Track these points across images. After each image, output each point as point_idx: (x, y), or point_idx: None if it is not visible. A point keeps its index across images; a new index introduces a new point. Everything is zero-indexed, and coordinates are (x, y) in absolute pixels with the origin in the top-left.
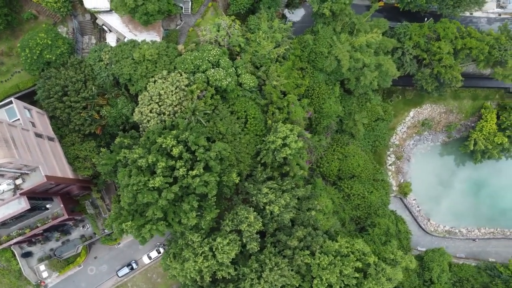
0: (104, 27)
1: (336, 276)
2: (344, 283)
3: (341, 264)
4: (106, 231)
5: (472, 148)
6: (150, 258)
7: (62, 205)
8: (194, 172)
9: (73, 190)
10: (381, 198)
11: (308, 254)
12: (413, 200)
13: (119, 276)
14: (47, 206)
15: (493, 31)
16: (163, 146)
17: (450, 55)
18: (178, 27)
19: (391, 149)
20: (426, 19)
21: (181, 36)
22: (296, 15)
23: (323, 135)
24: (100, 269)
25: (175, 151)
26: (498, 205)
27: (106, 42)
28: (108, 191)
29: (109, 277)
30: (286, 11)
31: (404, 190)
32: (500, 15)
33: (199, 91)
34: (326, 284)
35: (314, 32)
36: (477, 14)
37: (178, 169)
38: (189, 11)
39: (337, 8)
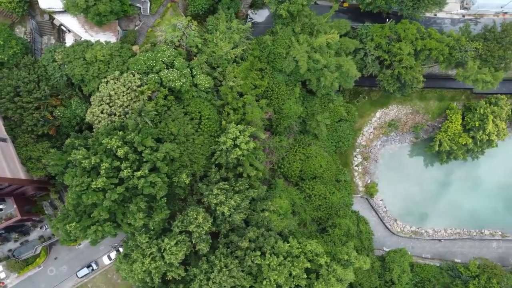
0: (62, 27)
1: (285, 277)
2: (294, 284)
3: (290, 265)
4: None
5: (437, 149)
6: (110, 258)
7: (15, 206)
8: (139, 173)
9: (28, 191)
10: (343, 199)
11: (259, 255)
12: (380, 200)
13: (79, 277)
14: (0, 207)
15: (453, 32)
16: (108, 147)
17: (411, 56)
18: (137, 27)
19: (358, 150)
20: (387, 20)
21: (140, 36)
22: (261, 15)
23: (285, 136)
24: (60, 270)
25: (120, 152)
26: (465, 206)
27: (65, 43)
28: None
29: (69, 278)
30: (250, 11)
31: (370, 191)
32: (464, 16)
33: (150, 92)
34: (275, 285)
35: (273, 33)
36: (441, 15)
37: (123, 170)
38: (148, 12)
39: (295, 9)
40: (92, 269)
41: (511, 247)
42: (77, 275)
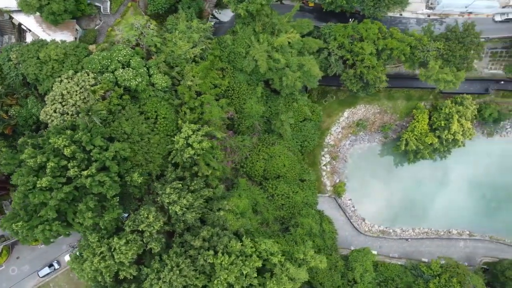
0: (22, 26)
1: (235, 276)
2: (246, 283)
3: (242, 264)
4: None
5: (403, 148)
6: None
7: None
8: (86, 172)
9: None
10: (307, 198)
11: (212, 254)
12: (349, 200)
13: (40, 276)
14: None
15: (416, 32)
16: (56, 146)
17: (373, 56)
18: (97, 27)
19: (326, 149)
20: (350, 19)
21: (100, 35)
22: (226, 15)
23: (248, 135)
24: (22, 269)
25: (67, 151)
26: (434, 205)
27: (25, 42)
28: None
29: (30, 277)
30: (215, 11)
31: (338, 190)
32: (429, 16)
33: (102, 91)
34: (226, 285)
35: (234, 32)
36: (406, 15)
37: (70, 169)
38: (108, 11)
39: (253, 9)
40: (54, 269)
41: (479, 247)
42: (38, 275)
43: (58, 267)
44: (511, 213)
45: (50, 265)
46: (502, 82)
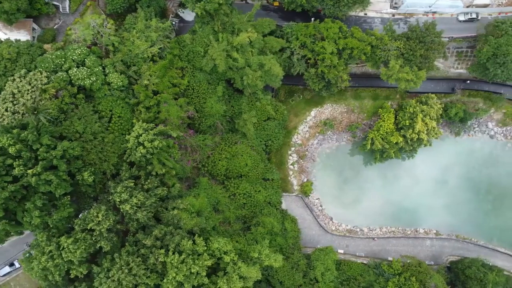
0: None
1: (184, 275)
2: (196, 282)
3: (192, 262)
4: None
5: (369, 147)
6: None
7: None
8: (31, 171)
9: None
10: (270, 198)
11: (163, 253)
12: (317, 199)
13: (1, 275)
14: None
15: (377, 31)
16: (0, 145)
17: (334, 55)
18: (56, 26)
19: (293, 149)
20: (312, 19)
21: (59, 35)
22: (190, 14)
23: (210, 134)
24: None
25: (12, 150)
26: (402, 204)
27: None
28: None
29: None
30: (179, 10)
31: (304, 190)
32: (394, 15)
33: (54, 90)
34: (176, 283)
35: (194, 32)
36: (371, 14)
37: (15, 168)
38: (68, 10)
39: (211, 8)
40: (15, 268)
41: (445, 246)
42: None
43: (19, 266)
44: (477, 212)
45: (11, 264)
46: (468, 82)
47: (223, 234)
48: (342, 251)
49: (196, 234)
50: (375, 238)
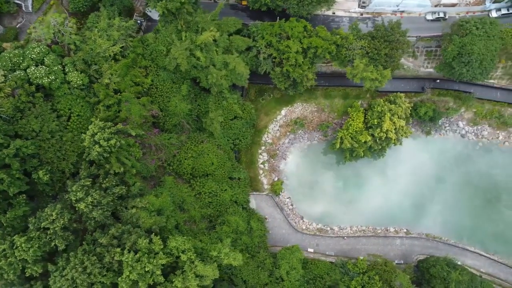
0: None
1: (138, 273)
2: (151, 281)
3: (146, 261)
4: None
5: (338, 146)
6: None
7: None
8: None
9: None
10: (237, 196)
11: (118, 252)
12: (288, 198)
13: None
14: None
15: (342, 31)
16: None
17: (299, 54)
18: (19, 25)
19: (263, 148)
20: (278, 18)
21: (22, 33)
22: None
23: (176, 133)
24: None
25: None
26: (373, 204)
27: None
28: None
29: None
30: (147, 9)
31: (274, 189)
32: (362, 14)
33: (9, 89)
34: (130, 282)
35: (158, 31)
36: (339, 13)
37: None
38: (30, 9)
39: (173, 7)
40: None
41: (415, 244)
42: None
43: None
44: (448, 211)
45: None
46: (438, 81)
47: (187, 233)
48: (312, 250)
49: (153, 233)
50: (345, 237)
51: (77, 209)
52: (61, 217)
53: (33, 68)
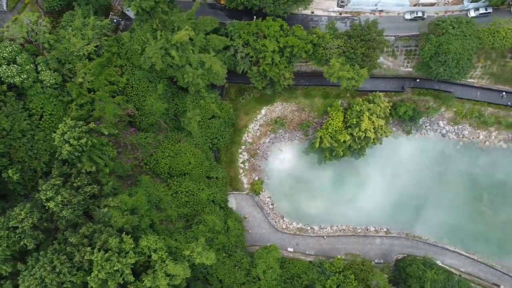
0: None
1: (106, 272)
2: (121, 280)
3: (116, 260)
4: None
5: (317, 146)
6: None
7: None
8: None
9: None
10: (214, 196)
11: (89, 251)
12: (268, 197)
13: None
14: None
15: (319, 30)
16: None
17: (275, 53)
18: None
19: (244, 147)
20: (255, 17)
21: None
22: None
23: (153, 132)
24: None
25: None
26: (354, 203)
27: None
28: None
29: None
30: (125, 8)
31: (254, 188)
32: (341, 14)
33: None
34: (99, 281)
35: (133, 30)
36: (318, 13)
37: None
38: (5, 8)
39: (147, 6)
40: None
41: (395, 244)
42: None
43: None
44: (429, 211)
45: None
46: (418, 80)
47: (163, 232)
48: (292, 250)
49: (124, 232)
50: (325, 237)
51: (47, 208)
52: (30, 216)
53: (4, 67)
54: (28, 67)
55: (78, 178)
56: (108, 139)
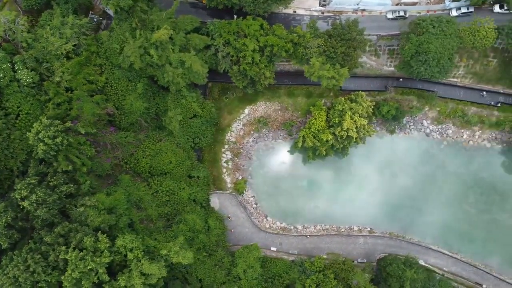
0: None
1: (80, 272)
2: (96, 279)
3: (90, 259)
4: None
5: (300, 145)
6: None
7: None
8: None
9: None
10: (195, 195)
11: (63, 250)
12: (252, 197)
13: None
14: None
15: (300, 29)
16: None
17: (255, 52)
18: None
19: (227, 146)
20: (235, 16)
21: None
22: None
23: (133, 131)
24: None
25: None
26: (337, 202)
27: None
28: None
29: None
30: (106, 7)
31: (237, 188)
32: (323, 13)
33: None
34: (73, 280)
35: (112, 29)
36: (300, 12)
37: None
38: None
39: (125, 5)
40: None
41: (378, 243)
42: None
43: None
44: (412, 210)
45: None
46: (401, 80)
47: (142, 231)
48: (275, 249)
49: (100, 231)
50: (308, 236)
51: (22, 207)
52: (4, 216)
53: None
54: (5, 66)
55: (54, 177)
56: (86, 138)
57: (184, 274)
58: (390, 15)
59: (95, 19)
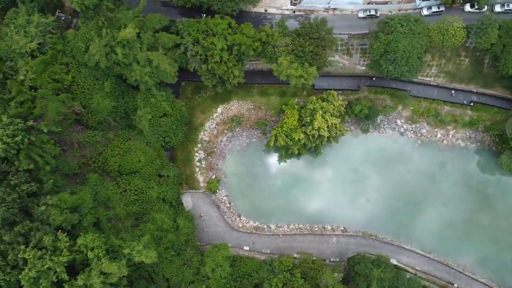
0: None
1: (38, 270)
2: (57, 278)
3: (48, 258)
4: None
5: (272, 144)
6: None
7: None
8: None
9: None
10: (165, 194)
11: (22, 249)
12: (225, 196)
13: None
14: None
15: (268, 28)
16: None
17: (224, 51)
18: None
19: (200, 145)
20: (203, 15)
21: None
22: None
23: (102, 130)
24: None
25: None
26: (311, 201)
27: None
28: None
29: None
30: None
31: (210, 187)
32: (294, 12)
33: None
34: (31, 279)
35: (79, 27)
36: (272, 11)
37: None
38: None
39: (90, 3)
40: None
41: (351, 242)
42: None
43: None
44: (386, 210)
45: None
46: (374, 79)
47: (109, 230)
48: (247, 248)
49: (61, 230)
50: (281, 235)
51: None
52: None
53: None
54: None
55: (16, 176)
56: (50, 137)
57: (150, 273)
58: (361, 14)
59: (63, 18)
